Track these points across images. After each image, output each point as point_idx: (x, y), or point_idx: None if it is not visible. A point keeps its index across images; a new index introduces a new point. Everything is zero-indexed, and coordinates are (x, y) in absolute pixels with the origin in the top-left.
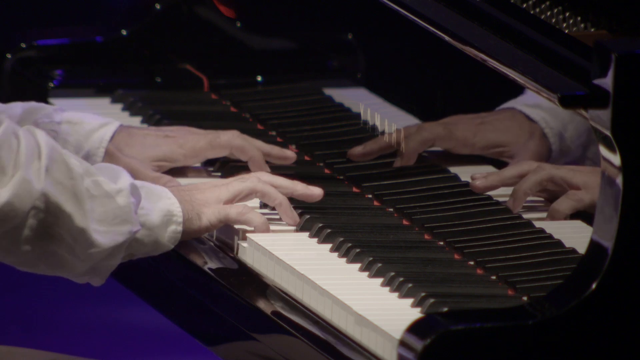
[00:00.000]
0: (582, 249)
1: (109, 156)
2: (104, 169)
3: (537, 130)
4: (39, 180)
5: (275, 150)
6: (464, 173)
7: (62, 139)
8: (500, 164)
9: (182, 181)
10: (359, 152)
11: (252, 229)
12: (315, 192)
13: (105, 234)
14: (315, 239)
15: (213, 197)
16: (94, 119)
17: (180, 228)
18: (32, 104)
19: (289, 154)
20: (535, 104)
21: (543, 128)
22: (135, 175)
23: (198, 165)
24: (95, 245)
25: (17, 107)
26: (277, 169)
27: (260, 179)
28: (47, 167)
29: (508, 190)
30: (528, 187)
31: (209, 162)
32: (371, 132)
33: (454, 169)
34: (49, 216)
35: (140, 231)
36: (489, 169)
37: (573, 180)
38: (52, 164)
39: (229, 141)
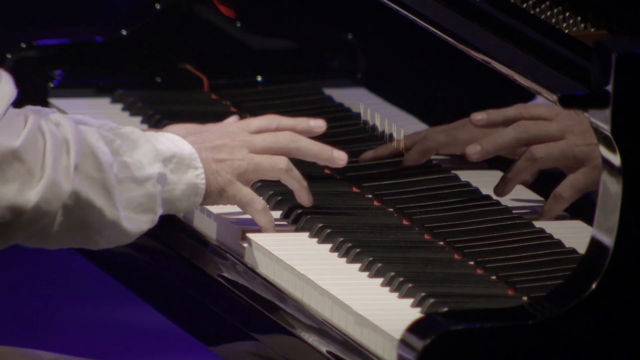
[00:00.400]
0: (582, 249)
1: None
2: (135, 141)
3: (584, 122)
4: (67, 179)
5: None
6: (467, 176)
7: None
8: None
9: None
10: (369, 156)
11: (252, 229)
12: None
13: (132, 221)
14: (315, 239)
15: (238, 172)
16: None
17: (199, 200)
18: (29, 108)
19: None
20: None
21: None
22: None
23: None
24: (124, 233)
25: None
26: None
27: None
28: (76, 164)
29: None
30: (504, 141)
31: None
32: (371, 132)
33: (458, 173)
34: (79, 211)
35: (164, 203)
36: (496, 173)
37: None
38: (82, 159)
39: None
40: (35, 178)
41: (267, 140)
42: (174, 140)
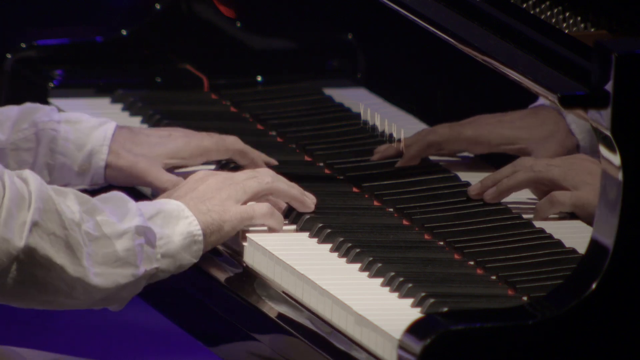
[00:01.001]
0: (582, 249)
1: (115, 155)
2: (115, 202)
3: (562, 128)
4: (20, 236)
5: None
6: (467, 177)
7: (63, 138)
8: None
9: None
10: (377, 157)
11: (252, 229)
12: (307, 202)
13: (106, 277)
14: (316, 239)
15: (230, 201)
16: (91, 118)
17: (202, 246)
18: (28, 105)
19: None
20: None
21: (569, 124)
22: (146, 177)
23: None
24: (95, 289)
25: (13, 110)
26: (277, 169)
27: (272, 176)
28: (34, 221)
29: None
30: (512, 185)
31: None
32: (371, 132)
33: (458, 173)
34: (36, 268)
35: (164, 261)
36: None
37: (563, 182)
38: (43, 215)
39: (234, 143)
40: None
41: (252, 189)
42: (157, 201)
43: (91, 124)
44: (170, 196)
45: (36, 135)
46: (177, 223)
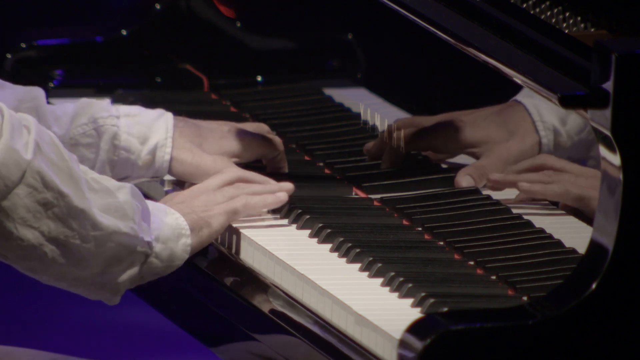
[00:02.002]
0: (582, 249)
1: (184, 149)
2: (105, 178)
3: (525, 127)
4: (27, 151)
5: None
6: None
7: (125, 132)
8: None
9: None
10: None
11: (253, 229)
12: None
13: (108, 219)
14: (315, 239)
15: (211, 202)
16: (147, 109)
17: (189, 241)
18: (83, 100)
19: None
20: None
21: (535, 121)
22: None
23: None
24: (100, 227)
25: (69, 106)
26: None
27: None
28: (37, 142)
29: (509, 192)
30: (546, 195)
31: None
32: (371, 132)
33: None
34: (47, 193)
35: (157, 245)
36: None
37: (567, 167)
38: (43, 143)
39: (280, 144)
40: None
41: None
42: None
43: (151, 116)
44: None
45: (96, 131)
46: (165, 215)
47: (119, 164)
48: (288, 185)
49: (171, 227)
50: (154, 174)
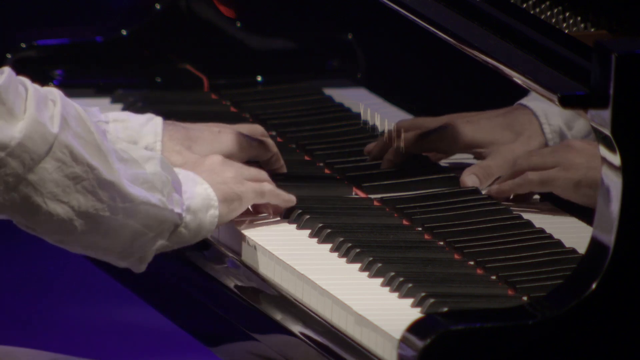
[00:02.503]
0: (582, 249)
1: (174, 152)
2: (134, 148)
3: (531, 129)
4: (53, 124)
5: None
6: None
7: (114, 137)
8: None
9: None
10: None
11: (254, 229)
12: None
13: (137, 190)
14: (316, 239)
15: (241, 175)
16: (136, 115)
17: (217, 212)
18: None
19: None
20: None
21: (542, 123)
22: None
23: None
24: (130, 198)
25: None
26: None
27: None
28: (63, 115)
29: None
30: (506, 188)
31: None
32: (371, 132)
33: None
34: (76, 167)
35: (187, 216)
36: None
37: (545, 164)
38: (69, 117)
39: (273, 145)
40: (17, 117)
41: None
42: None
43: (139, 120)
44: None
45: None
46: (195, 185)
47: None
48: (294, 197)
49: (201, 198)
50: None
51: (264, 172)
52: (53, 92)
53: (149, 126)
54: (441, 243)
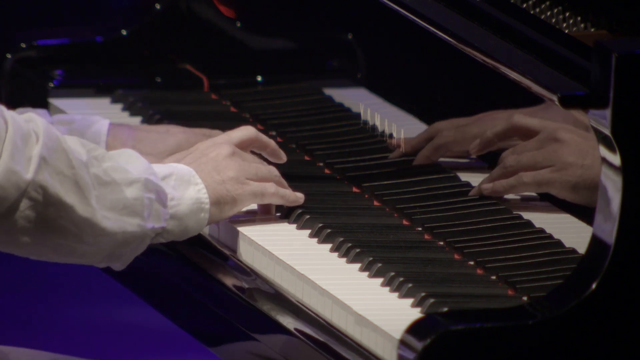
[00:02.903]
0: (582, 249)
1: None
2: (125, 155)
3: (569, 124)
4: (28, 169)
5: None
6: (467, 177)
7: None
8: None
9: None
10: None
11: (254, 229)
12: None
13: (114, 221)
14: (316, 239)
15: (242, 177)
16: (83, 117)
17: (207, 215)
18: (21, 110)
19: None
20: None
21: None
22: None
23: None
24: (104, 233)
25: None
26: (277, 168)
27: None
28: (43, 156)
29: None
30: (492, 133)
31: None
32: (371, 132)
33: (461, 176)
34: (49, 208)
35: (171, 222)
36: None
37: (537, 164)
38: (51, 154)
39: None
40: None
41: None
42: (170, 164)
43: (84, 122)
44: (180, 161)
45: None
46: (188, 187)
47: None
48: (301, 195)
49: (191, 202)
50: None
51: (274, 170)
52: (37, 124)
53: (94, 128)
54: (441, 243)
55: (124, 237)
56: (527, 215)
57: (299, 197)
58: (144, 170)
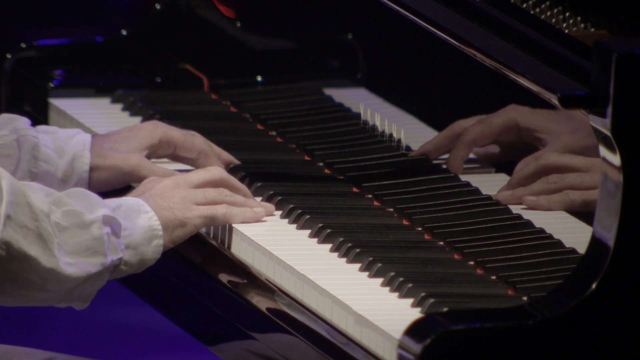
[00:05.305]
0: (582, 249)
1: (100, 156)
2: (78, 196)
3: (587, 125)
4: None
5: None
6: (467, 177)
7: (44, 145)
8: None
9: None
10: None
11: (253, 229)
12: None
13: (77, 266)
14: (315, 239)
15: (189, 200)
16: (64, 129)
17: (162, 241)
18: (5, 115)
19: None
20: None
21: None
22: (141, 170)
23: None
24: (67, 279)
25: None
26: (277, 168)
27: (223, 171)
28: (7, 214)
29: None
30: (523, 175)
31: None
32: (371, 132)
33: (462, 176)
34: (13, 262)
35: (127, 252)
36: (502, 177)
37: (572, 164)
38: (15, 209)
39: (201, 143)
40: None
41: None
42: (118, 197)
43: (67, 133)
44: (127, 195)
45: (17, 142)
46: (138, 217)
47: (39, 177)
48: (270, 207)
49: (144, 230)
50: (75, 187)
51: (224, 191)
52: (1, 185)
53: (77, 137)
54: (441, 243)
55: (87, 279)
56: (527, 215)
57: (258, 213)
58: (98, 205)
